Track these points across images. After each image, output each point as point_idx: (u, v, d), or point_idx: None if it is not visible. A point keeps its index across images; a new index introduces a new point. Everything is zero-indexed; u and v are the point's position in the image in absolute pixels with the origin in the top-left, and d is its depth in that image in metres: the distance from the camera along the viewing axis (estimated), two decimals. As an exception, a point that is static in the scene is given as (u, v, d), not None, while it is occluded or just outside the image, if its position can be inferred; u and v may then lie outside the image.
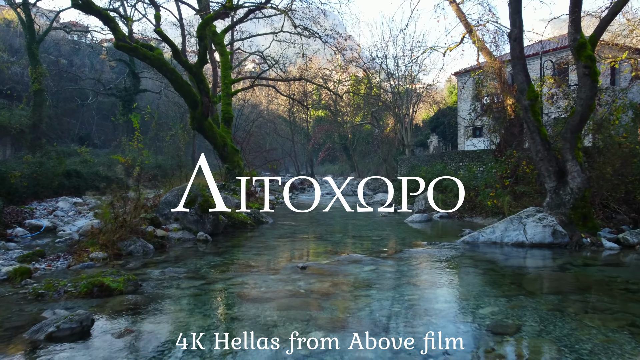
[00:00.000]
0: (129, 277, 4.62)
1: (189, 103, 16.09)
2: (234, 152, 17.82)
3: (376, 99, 34.76)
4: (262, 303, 4.11)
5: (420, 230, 9.76)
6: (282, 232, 9.21)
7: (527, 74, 7.78)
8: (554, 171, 7.63)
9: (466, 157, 17.15)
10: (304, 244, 7.65)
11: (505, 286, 4.85)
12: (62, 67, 40.00)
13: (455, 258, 6.36)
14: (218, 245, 7.56)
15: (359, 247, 7.40)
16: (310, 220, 11.87)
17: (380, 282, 4.91)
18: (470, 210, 11.78)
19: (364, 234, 8.93)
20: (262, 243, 7.81)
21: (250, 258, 6.51)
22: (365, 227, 10.26)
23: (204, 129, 16.47)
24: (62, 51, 45.94)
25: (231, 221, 9.58)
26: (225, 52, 19.60)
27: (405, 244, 7.78)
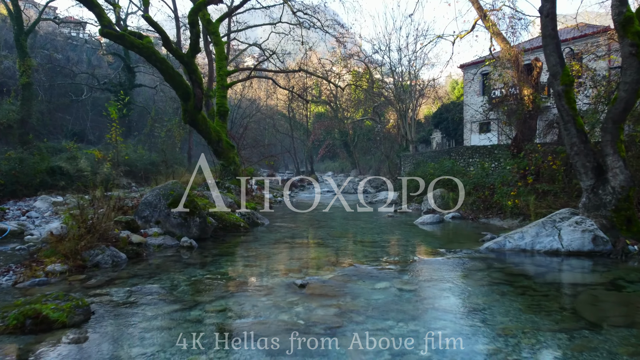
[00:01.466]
0: (78, 303, 3.60)
1: (181, 95, 15.04)
2: (229, 147, 16.79)
3: (378, 94, 33.70)
4: (247, 344, 3.09)
5: (433, 233, 8.74)
6: (279, 236, 8.19)
7: (561, 54, 6.74)
8: (592, 167, 6.60)
9: (476, 153, 16.12)
10: (303, 252, 6.63)
11: (556, 313, 3.83)
12: (55, 62, 38.96)
13: (482, 271, 5.34)
14: (204, 253, 6.54)
15: (367, 255, 6.38)
16: (310, 222, 10.85)
17: (398, 309, 3.89)
18: (485, 210, 10.77)
19: (371, 239, 7.91)
20: (255, 250, 6.79)
21: (239, 270, 5.50)
22: (371, 229, 9.25)
23: (196, 122, 15.43)
24: (59, 47, 44.90)
25: (222, 224, 8.56)
26: (220, 42, 18.52)
27: (420, 252, 6.76)
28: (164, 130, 30.49)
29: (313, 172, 38.96)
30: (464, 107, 25.98)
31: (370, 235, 8.29)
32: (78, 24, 38.42)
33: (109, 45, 40.89)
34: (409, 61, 27.96)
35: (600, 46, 15.17)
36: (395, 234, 8.60)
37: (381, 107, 39.64)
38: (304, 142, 43.59)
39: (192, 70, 14.59)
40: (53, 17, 31.56)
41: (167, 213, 7.20)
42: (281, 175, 39.45)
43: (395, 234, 8.60)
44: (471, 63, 25.15)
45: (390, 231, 9.03)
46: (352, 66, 35.08)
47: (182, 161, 29.38)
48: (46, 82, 37.67)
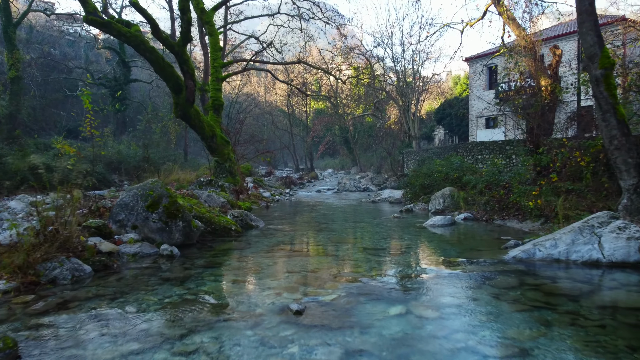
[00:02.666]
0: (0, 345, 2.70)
1: (172, 87, 14.13)
2: (224, 143, 15.87)
3: (379, 88, 32.76)
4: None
5: (446, 238, 7.85)
6: (274, 242, 7.30)
7: (600, 34, 5.83)
8: (635, 164, 5.71)
9: (486, 149, 15.23)
10: (301, 262, 5.73)
11: (625, 356, 2.94)
12: (48, 56, 38.01)
13: (515, 290, 4.44)
14: (186, 263, 5.64)
15: (375, 266, 5.49)
16: (309, 223, 9.97)
17: (422, 349, 3.00)
18: (501, 211, 9.87)
19: (377, 244, 7.02)
20: (245, 260, 5.90)
21: (224, 288, 4.61)
22: (377, 233, 8.36)
23: (189, 116, 14.52)
24: (56, 42, 44.00)
25: (210, 227, 7.67)
26: (215, 33, 17.58)
27: (437, 262, 5.86)
28: (159, 126, 29.54)
29: (313, 169, 38.06)
30: (469, 102, 25.07)
31: (376, 241, 7.40)
32: (69, 16, 37.41)
33: (104, 40, 39.97)
34: (412, 54, 26.97)
35: (618, 36, 14.25)
36: (404, 239, 7.70)
37: (382, 103, 38.71)
38: (303, 138, 42.67)
39: (184, 61, 13.68)
40: (43, 9, 30.51)
41: (145, 216, 6.30)
42: (280, 172, 38.57)
43: (404, 239, 7.70)
44: (477, 56, 24.21)
45: (398, 235, 8.14)
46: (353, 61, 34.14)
47: (177, 158, 28.46)
48: (39, 77, 36.76)
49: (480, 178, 11.77)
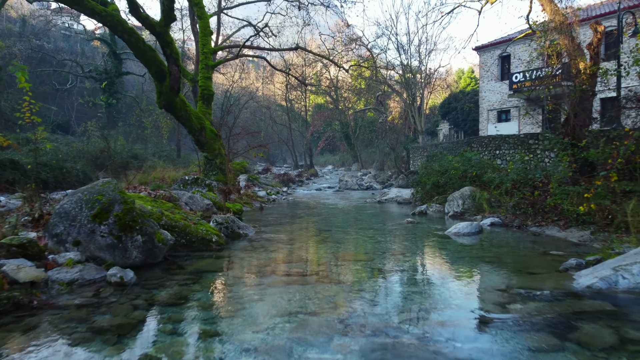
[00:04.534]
0: None
1: (154, 74, 12.57)
2: (214, 137, 14.31)
3: (382, 81, 31.17)
4: None
5: (479, 252, 6.32)
6: (264, 260, 5.76)
7: None
8: None
9: (504, 144, 13.68)
10: (298, 296, 4.19)
11: None
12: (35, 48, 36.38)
13: (616, 352, 2.91)
14: (139, 297, 4.10)
15: (401, 303, 3.97)
16: (308, 230, 8.44)
17: None
18: (535, 215, 8.33)
19: (397, 264, 5.49)
20: (221, 291, 4.38)
21: (180, 353, 3.06)
22: (392, 245, 6.83)
23: (174, 107, 12.96)
24: (51, 37, 42.51)
25: (185, 239, 6.13)
26: (205, 15, 15.96)
27: (483, 295, 4.31)
28: (149, 121, 27.96)
29: (312, 166, 36.51)
30: (479, 94, 23.48)
31: (394, 258, 5.86)
32: (60, 10, 35.81)
33: (102, 34, 38.29)
34: (419, 42, 25.34)
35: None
36: (429, 255, 6.17)
37: (385, 97, 37.12)
38: (302, 134, 41.07)
39: (166, 43, 12.08)
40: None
41: (91, 229, 4.75)
42: (278, 169, 37.04)
43: (429, 255, 6.17)
44: (488, 45, 22.61)
45: (419, 249, 6.60)
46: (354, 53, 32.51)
47: (169, 154, 26.90)
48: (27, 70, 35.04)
49: (505, 176, 10.23)
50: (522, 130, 20.47)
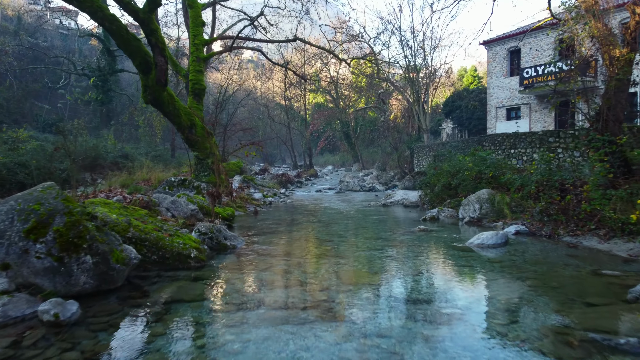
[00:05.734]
0: None
1: (139, 65, 11.54)
2: (206, 135, 13.22)
3: (384, 79, 30.10)
4: None
5: (511, 269, 5.23)
6: (252, 283, 4.68)
7: None
8: None
9: (520, 142, 12.61)
10: (291, 341, 3.10)
11: None
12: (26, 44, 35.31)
13: None
14: (78, 345, 3.01)
15: (423, 353, 2.88)
16: (307, 241, 7.35)
17: None
18: (567, 223, 7.25)
19: (416, 289, 4.41)
20: (191, 336, 3.29)
21: None
22: (407, 261, 5.74)
23: (161, 102, 11.92)
24: (48, 35, 41.51)
25: (157, 254, 5.06)
26: (196, 4, 14.88)
27: (540, 342, 3.21)
28: (141, 119, 26.82)
29: (312, 166, 35.42)
30: (488, 90, 22.39)
31: (413, 281, 4.76)
32: (60, 8, 34.83)
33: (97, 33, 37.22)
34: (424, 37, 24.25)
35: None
36: (452, 275, 5.08)
37: (387, 95, 36.05)
38: (302, 133, 39.95)
39: (151, 31, 11.02)
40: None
41: (23, 248, 3.66)
42: (277, 169, 35.95)
43: (452, 275, 5.08)
44: (497, 38, 21.52)
45: (439, 266, 5.51)
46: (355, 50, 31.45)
47: (162, 154, 25.77)
48: (16, 67, 34.08)
49: (527, 177, 9.15)
50: (533, 129, 19.39)
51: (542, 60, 19.03)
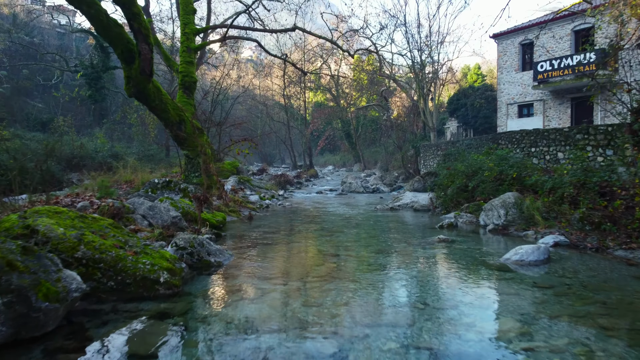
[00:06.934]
0: None
1: (121, 54, 10.41)
2: (197, 132, 12.07)
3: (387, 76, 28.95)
4: None
5: (568, 297, 4.09)
6: (236, 325, 3.52)
7: None
8: None
9: (542, 139, 11.47)
10: None
11: None
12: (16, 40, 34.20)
13: None
14: None
15: None
16: (307, 256, 6.19)
17: None
18: (618, 233, 6.10)
19: (454, 331, 3.27)
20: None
21: None
22: (430, 281, 4.60)
23: (146, 95, 10.79)
24: (45, 34, 40.44)
25: (115, 279, 3.92)
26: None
27: None
28: (134, 117, 25.65)
29: (312, 166, 34.28)
30: (498, 86, 21.23)
31: (449, 319, 3.61)
32: (58, 7, 33.80)
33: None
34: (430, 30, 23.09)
35: None
36: (495, 308, 3.93)
37: (389, 93, 34.88)
38: (301, 132, 38.79)
39: (133, 15, 9.86)
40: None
41: None
42: (276, 169, 34.83)
43: (495, 308, 3.93)
44: (508, 31, 20.36)
45: (475, 294, 4.35)
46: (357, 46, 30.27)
47: (156, 153, 24.60)
48: (6, 63, 33.01)
49: (559, 179, 8.00)
50: (547, 127, 18.25)
51: (558, 53, 17.88)
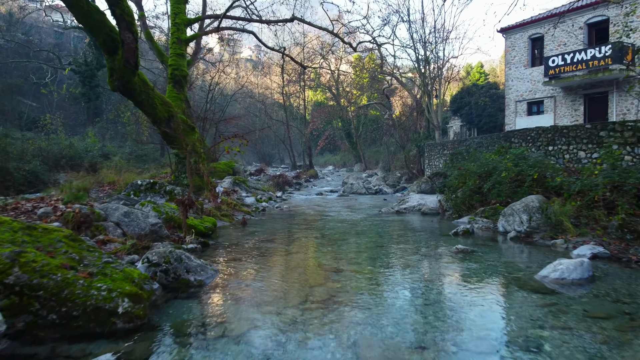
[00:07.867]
0: None
1: (103, 44, 9.55)
2: (187, 129, 11.20)
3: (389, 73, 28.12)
4: None
5: (633, 332, 3.20)
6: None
7: None
8: None
9: (560, 137, 10.59)
10: None
11: None
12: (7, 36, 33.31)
13: None
14: None
15: None
16: (306, 272, 5.30)
17: None
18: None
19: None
20: None
21: None
22: (452, 305, 3.72)
23: (131, 88, 9.92)
24: (43, 33, 39.63)
25: (58, 311, 3.03)
26: (178, -22, 12.84)
27: None
28: (127, 115, 24.77)
29: (312, 166, 33.38)
30: (506, 82, 20.35)
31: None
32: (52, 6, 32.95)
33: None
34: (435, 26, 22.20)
35: None
36: (546, 351, 3.05)
37: (391, 91, 34.03)
38: (301, 131, 37.90)
39: (114, 1, 9.00)
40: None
41: None
42: (275, 169, 33.92)
43: (546, 351, 3.05)
44: (517, 25, 19.48)
45: (510, 322, 3.46)
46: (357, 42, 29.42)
47: (151, 153, 23.73)
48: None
49: (589, 180, 7.13)
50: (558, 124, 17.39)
51: (570, 48, 17.01)
